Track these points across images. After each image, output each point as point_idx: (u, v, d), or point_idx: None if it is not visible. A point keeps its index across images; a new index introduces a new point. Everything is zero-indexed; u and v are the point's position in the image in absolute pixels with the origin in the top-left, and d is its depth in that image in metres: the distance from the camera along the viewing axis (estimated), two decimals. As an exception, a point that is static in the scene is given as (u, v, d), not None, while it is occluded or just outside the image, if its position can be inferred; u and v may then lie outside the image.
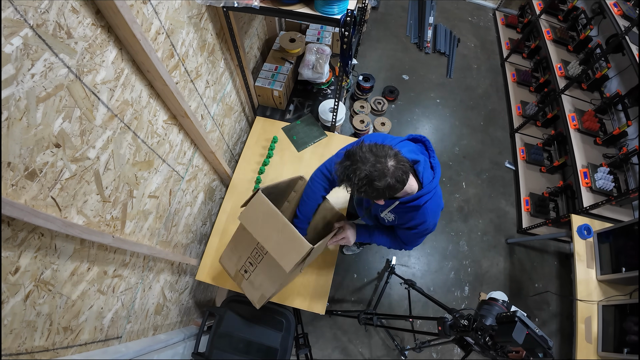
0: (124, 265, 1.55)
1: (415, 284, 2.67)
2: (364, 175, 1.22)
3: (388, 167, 1.23)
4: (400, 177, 1.26)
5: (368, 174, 1.22)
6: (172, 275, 2.10)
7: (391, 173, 1.24)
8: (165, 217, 1.86)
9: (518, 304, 3.23)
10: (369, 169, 1.22)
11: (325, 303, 2.16)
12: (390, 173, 1.23)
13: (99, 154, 1.23)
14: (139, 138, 1.46)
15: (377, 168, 1.22)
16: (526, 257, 3.54)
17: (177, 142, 1.81)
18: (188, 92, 1.80)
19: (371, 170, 1.22)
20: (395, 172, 1.24)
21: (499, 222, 3.70)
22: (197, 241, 2.40)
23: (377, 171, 1.22)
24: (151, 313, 1.90)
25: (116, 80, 1.25)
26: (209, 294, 2.84)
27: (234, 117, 2.61)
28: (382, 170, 1.23)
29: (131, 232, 1.56)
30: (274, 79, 2.76)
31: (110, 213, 1.37)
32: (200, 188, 2.28)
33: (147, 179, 1.60)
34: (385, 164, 1.23)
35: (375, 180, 1.23)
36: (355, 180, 1.24)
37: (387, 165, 1.24)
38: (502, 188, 3.91)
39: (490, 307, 1.63)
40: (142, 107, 1.44)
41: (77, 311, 1.29)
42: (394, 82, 4.52)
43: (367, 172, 1.22)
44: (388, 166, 1.23)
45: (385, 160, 1.24)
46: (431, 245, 3.51)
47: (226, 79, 2.29)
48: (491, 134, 4.27)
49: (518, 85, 4.56)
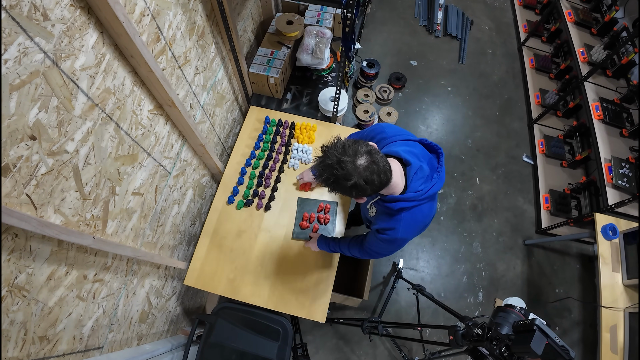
0: (106, 268, 1.55)
1: (424, 290, 2.68)
2: (331, 174, 1.27)
3: (356, 166, 1.26)
4: (369, 177, 1.28)
5: (334, 172, 1.27)
6: (158, 280, 2.11)
7: (358, 173, 1.27)
8: (150, 216, 1.86)
9: (537, 311, 3.24)
10: (335, 166, 1.27)
11: (325, 310, 2.17)
12: (358, 173, 1.27)
13: (78, 147, 1.22)
14: (122, 129, 1.46)
15: (343, 167, 1.26)
16: (546, 259, 3.55)
17: (164, 134, 1.80)
18: (175, 79, 1.79)
19: (337, 168, 1.26)
20: (363, 172, 1.27)
21: (516, 222, 3.71)
22: (185, 242, 2.40)
23: (343, 170, 1.26)
24: (135, 321, 1.90)
25: (97, 66, 1.24)
26: (199, 300, 2.85)
27: (226, 107, 2.61)
28: (349, 170, 1.26)
29: (113, 233, 1.56)
30: (269, 65, 2.75)
31: (90, 212, 1.37)
32: (189, 184, 2.27)
33: (131, 174, 1.59)
34: (353, 163, 1.26)
35: (341, 180, 1.27)
36: (324, 178, 1.30)
37: (356, 164, 1.27)
38: (520, 184, 3.91)
39: (507, 314, 1.63)
40: (125, 96, 1.43)
41: (55, 319, 1.29)
42: (401, 69, 4.51)
43: (333, 170, 1.27)
44: (356, 165, 1.26)
45: (354, 159, 1.27)
46: (442, 247, 3.51)
47: (217, 65, 2.29)
48: (507, 125, 4.27)
49: (537, 72, 4.56)
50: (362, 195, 1.37)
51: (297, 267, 2.27)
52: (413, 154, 1.52)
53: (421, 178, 1.47)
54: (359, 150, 1.29)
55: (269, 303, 2.17)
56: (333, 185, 1.31)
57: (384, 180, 1.33)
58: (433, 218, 1.91)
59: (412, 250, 3.48)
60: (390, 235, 1.56)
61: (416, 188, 1.46)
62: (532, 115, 4.21)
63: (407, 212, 1.49)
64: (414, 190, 1.45)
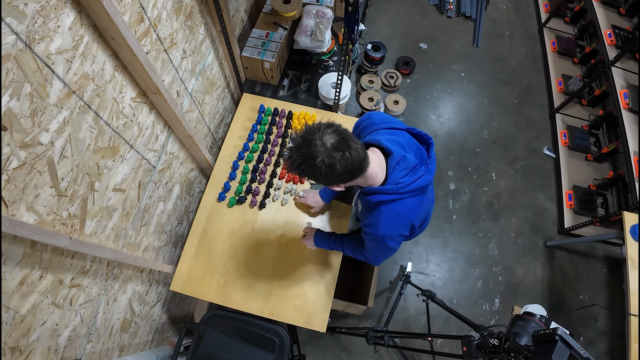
0: (84, 272, 1.55)
1: (435, 296, 2.68)
2: (298, 154, 1.33)
3: (323, 142, 1.30)
4: (339, 158, 1.30)
5: (300, 151, 1.32)
6: (142, 285, 2.11)
7: (325, 150, 1.30)
8: (133, 215, 1.86)
9: (559, 320, 3.24)
10: (301, 146, 1.32)
11: (326, 318, 2.17)
12: (325, 150, 1.30)
13: (53, 139, 1.22)
14: (102, 119, 1.45)
15: (308, 144, 1.31)
16: (569, 263, 3.56)
17: (148, 124, 1.80)
18: (161, 63, 1.79)
19: (302, 147, 1.32)
20: (331, 151, 1.30)
21: (536, 221, 3.72)
22: (171, 244, 2.40)
23: (308, 147, 1.31)
24: (116, 330, 1.91)
25: (74, 49, 1.24)
26: (186, 307, 2.85)
27: (217, 94, 2.61)
28: (316, 147, 1.30)
29: (92, 233, 1.56)
30: (264, 48, 2.74)
31: (67, 210, 1.37)
32: (176, 180, 2.27)
33: (112, 168, 1.59)
34: (321, 140, 1.31)
35: (307, 159, 1.31)
36: (292, 161, 1.36)
37: (323, 141, 1.31)
38: (540, 180, 3.92)
39: (526, 323, 1.64)
40: (105, 82, 1.43)
41: (27, 328, 1.29)
42: (410, 52, 4.50)
43: (300, 150, 1.32)
44: (323, 142, 1.31)
45: (321, 136, 1.31)
46: (454, 249, 3.52)
47: (207, 48, 2.28)
48: (527, 115, 4.27)
49: (559, 56, 4.55)
50: (335, 181, 1.40)
51: (295, 271, 2.27)
52: (397, 142, 1.53)
53: (404, 169, 1.49)
54: (326, 130, 1.33)
55: (264, 310, 2.17)
56: (301, 168, 1.34)
57: (356, 164, 1.36)
58: (430, 215, 1.94)
59: (421, 252, 3.49)
60: (372, 232, 1.58)
61: (396, 180, 1.47)
62: (554, 104, 4.21)
63: (386, 205, 1.50)
64: (394, 182, 1.47)
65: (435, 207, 3.62)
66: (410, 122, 4.05)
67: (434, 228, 3.59)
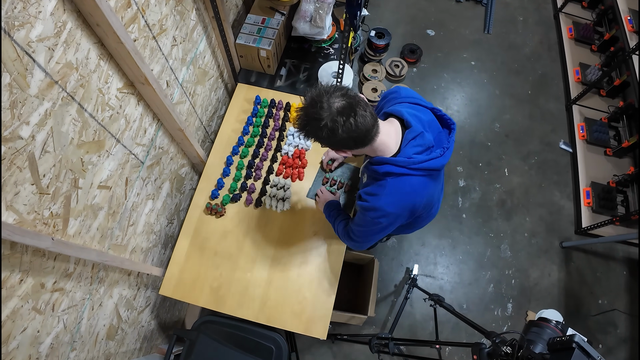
0: (67, 275, 1.55)
1: (443, 300, 2.68)
2: (305, 114, 1.40)
3: (330, 105, 1.35)
4: (343, 122, 1.34)
5: (307, 111, 1.38)
6: (129, 289, 2.11)
7: (330, 113, 1.35)
8: (120, 214, 1.86)
9: (576, 326, 3.25)
10: (308, 107, 1.38)
11: (327, 325, 2.18)
12: (330, 113, 1.35)
13: (34, 132, 1.22)
14: (86, 111, 1.45)
15: (314, 105, 1.36)
16: (587, 265, 3.56)
17: (136, 117, 1.80)
18: (149, 51, 1.79)
19: (309, 107, 1.38)
20: (335, 114, 1.35)
21: (552, 220, 3.72)
22: (161, 245, 2.40)
23: (314, 108, 1.36)
24: (102, 338, 1.91)
25: (56, 36, 1.23)
26: (177, 313, 2.86)
27: (209, 85, 2.60)
28: (323, 108, 1.35)
29: (76, 233, 1.56)
30: (260, 35, 2.74)
31: (49, 208, 1.37)
32: (166, 176, 2.27)
33: (97, 164, 1.59)
34: (328, 103, 1.35)
35: (312, 120, 1.38)
36: (299, 121, 1.43)
37: (330, 103, 1.35)
38: (556, 176, 3.92)
39: (541, 329, 1.64)
40: (90, 72, 1.43)
41: (7, 335, 1.29)
42: (416, 39, 4.50)
43: (307, 110, 1.39)
44: (330, 105, 1.35)
45: (329, 98, 1.36)
46: (464, 250, 3.53)
47: (199, 35, 2.28)
48: (541, 106, 4.27)
49: (576, 43, 4.55)
50: (337, 146, 1.46)
51: (293, 274, 2.27)
52: (418, 118, 1.56)
53: (419, 146, 1.51)
54: (335, 93, 1.37)
55: (260, 316, 2.18)
56: (306, 129, 1.41)
57: (361, 132, 1.39)
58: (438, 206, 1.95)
59: (428, 254, 3.49)
60: (370, 202, 1.58)
61: (409, 154, 1.50)
62: (571, 95, 4.20)
63: (393, 178, 1.52)
64: (406, 155, 1.50)
65: (443, 205, 3.63)
66: (417, 115, 4.02)
67: (442, 228, 3.59)
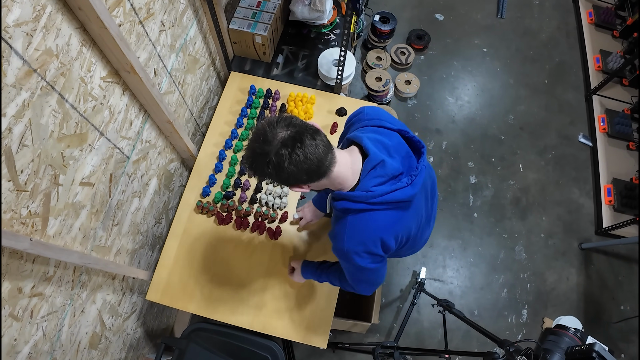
0: (47, 279, 1.55)
1: (453, 306, 2.68)
2: (251, 151, 1.35)
3: (275, 137, 1.30)
4: (289, 155, 1.29)
5: (253, 147, 1.34)
6: (114, 294, 2.11)
7: (275, 146, 1.30)
8: (103, 213, 1.86)
9: (597, 334, 3.25)
10: (253, 142, 1.34)
11: (327, 332, 2.18)
12: (274, 146, 1.30)
13: (11, 125, 1.22)
14: (67, 102, 1.45)
15: (258, 139, 1.32)
16: (608, 268, 3.56)
17: (121, 108, 1.80)
18: (136, 37, 1.78)
19: (254, 142, 1.34)
20: (280, 147, 1.30)
21: (570, 220, 3.72)
22: (148, 246, 2.40)
23: (258, 142, 1.32)
24: (84, 346, 1.91)
25: (35, 21, 1.23)
26: (165, 320, 2.86)
27: (200, 73, 2.60)
28: (267, 142, 1.30)
29: (56, 234, 1.56)
30: (255, 19, 2.73)
31: (27, 207, 1.36)
32: (153, 172, 2.27)
33: (79, 159, 1.59)
34: (273, 134, 1.31)
35: (258, 156, 1.33)
36: (245, 158, 1.40)
37: (275, 134, 1.31)
38: (575, 172, 3.92)
39: (558, 338, 1.64)
40: (71, 59, 1.42)
41: (-16, 344, 1.29)
42: (424, 24, 4.49)
43: (252, 145, 1.34)
44: (275, 136, 1.31)
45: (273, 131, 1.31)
46: (475, 252, 3.53)
47: (189, 20, 2.27)
48: (559, 97, 4.27)
49: (596, 29, 4.54)
50: (289, 182, 1.40)
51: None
52: (380, 143, 1.50)
53: (380, 176, 1.44)
54: (280, 123, 1.32)
55: (255, 324, 2.18)
56: (254, 168, 1.37)
57: (312, 163, 1.33)
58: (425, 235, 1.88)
59: (437, 256, 3.50)
60: (336, 246, 1.54)
61: (367, 187, 1.43)
62: (591, 84, 4.21)
63: (353, 215, 1.46)
64: (365, 188, 1.43)
65: (453, 203, 3.63)
66: (425, 105, 4.06)
67: (451, 228, 3.59)
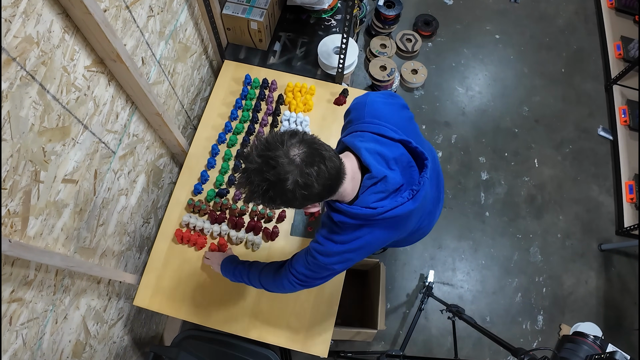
0: (27, 284, 1.55)
1: (463, 312, 2.68)
2: (261, 179, 1.24)
3: (291, 158, 1.24)
4: (314, 171, 1.25)
5: (264, 175, 1.24)
6: (99, 300, 2.11)
7: (296, 167, 1.24)
8: (87, 212, 1.86)
9: (617, 342, 3.23)
10: (263, 167, 1.24)
11: (328, 340, 2.18)
12: (295, 167, 1.24)
13: (-13, 117, 1.22)
14: (49, 93, 1.45)
15: (272, 164, 1.23)
16: (630, 270, 3.56)
17: (106, 100, 1.80)
18: (122, 23, 1.78)
19: (265, 168, 1.24)
20: (301, 166, 1.24)
21: (589, 219, 3.72)
22: (135, 248, 2.40)
23: (274, 167, 1.23)
24: (67, 355, 1.91)
25: (14, 6, 1.23)
26: (154, 326, 2.86)
27: (191, 62, 2.60)
28: (282, 166, 1.23)
29: (37, 235, 1.56)
30: (250, 4, 2.73)
31: (5, 206, 1.36)
32: (141, 168, 2.27)
33: (61, 154, 1.59)
34: (286, 156, 1.23)
35: (276, 184, 1.24)
36: (254, 189, 1.27)
37: (289, 156, 1.24)
38: (594, 168, 3.92)
39: (576, 346, 1.64)
40: (53, 47, 1.42)
41: (-41, 353, 1.30)
42: (431, 9, 4.49)
43: (262, 173, 1.24)
44: (290, 157, 1.24)
45: (284, 150, 1.24)
46: (487, 254, 3.53)
47: (179, 5, 2.27)
48: (577, 87, 4.26)
49: (617, 14, 4.52)
50: (310, 202, 1.36)
51: (289, 281, 2.27)
52: (381, 156, 1.48)
53: (380, 192, 1.43)
54: (290, 140, 1.26)
55: (251, 330, 2.19)
56: (268, 195, 1.27)
57: (333, 177, 1.31)
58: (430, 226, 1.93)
59: (446, 258, 3.50)
60: (325, 247, 1.53)
61: (367, 203, 1.42)
62: (611, 74, 4.20)
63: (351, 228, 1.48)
64: (364, 204, 1.42)
65: (463, 201, 3.63)
66: (433, 96, 4.06)
67: (462, 228, 3.60)
